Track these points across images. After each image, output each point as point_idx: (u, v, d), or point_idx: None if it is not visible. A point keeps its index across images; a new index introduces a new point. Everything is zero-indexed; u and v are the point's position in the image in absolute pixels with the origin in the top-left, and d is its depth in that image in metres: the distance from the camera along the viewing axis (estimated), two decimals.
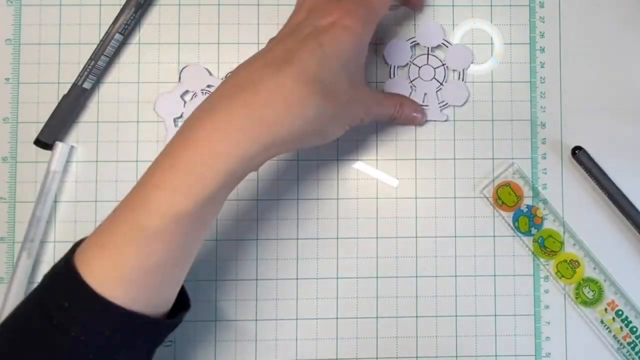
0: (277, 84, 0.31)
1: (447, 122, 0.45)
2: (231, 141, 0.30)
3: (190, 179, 0.30)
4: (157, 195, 0.30)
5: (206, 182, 0.30)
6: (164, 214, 0.29)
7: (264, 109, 0.31)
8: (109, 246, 0.30)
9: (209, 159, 0.30)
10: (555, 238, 0.44)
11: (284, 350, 0.44)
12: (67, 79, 0.44)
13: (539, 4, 0.46)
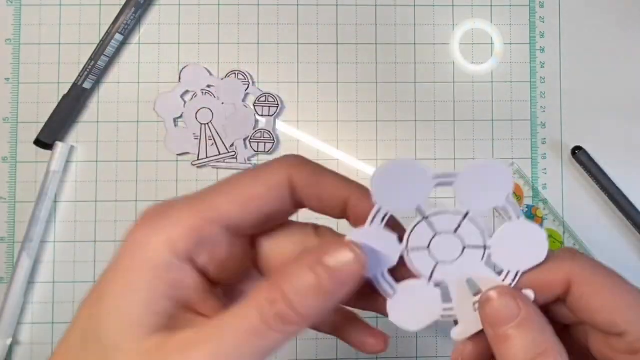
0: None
1: (447, 122, 0.45)
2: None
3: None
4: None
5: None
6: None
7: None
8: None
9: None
10: (555, 238, 0.44)
11: (284, 350, 0.44)
12: (67, 79, 0.44)
13: (539, 4, 0.46)
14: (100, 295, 0.21)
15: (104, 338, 0.21)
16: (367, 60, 0.45)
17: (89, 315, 0.21)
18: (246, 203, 0.22)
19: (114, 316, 0.21)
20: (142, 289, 0.21)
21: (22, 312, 0.43)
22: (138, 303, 0.21)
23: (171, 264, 0.21)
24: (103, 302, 0.21)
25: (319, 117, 0.45)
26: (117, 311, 0.21)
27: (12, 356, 0.43)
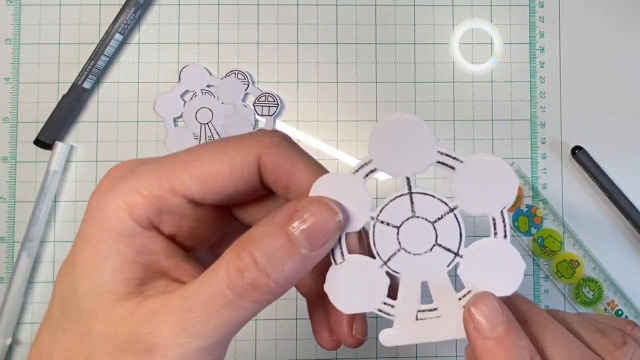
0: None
1: (447, 122, 0.45)
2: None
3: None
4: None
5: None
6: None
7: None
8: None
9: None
10: (555, 238, 0.44)
11: (283, 350, 0.44)
12: (67, 79, 0.44)
13: (539, 4, 0.46)
14: (72, 262, 0.21)
15: (80, 304, 0.20)
16: (367, 60, 0.45)
17: (65, 282, 0.21)
18: (207, 180, 0.21)
19: (86, 284, 0.20)
20: (109, 256, 0.20)
21: (22, 312, 0.43)
22: (107, 270, 0.20)
23: (134, 230, 0.20)
24: (76, 270, 0.21)
25: (319, 117, 0.45)
26: (88, 279, 0.20)
27: (12, 356, 0.43)
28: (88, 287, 0.20)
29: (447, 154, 0.21)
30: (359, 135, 0.45)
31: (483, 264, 0.21)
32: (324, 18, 0.45)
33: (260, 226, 0.20)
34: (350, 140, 0.45)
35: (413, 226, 0.21)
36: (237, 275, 0.19)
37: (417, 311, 0.22)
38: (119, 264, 0.20)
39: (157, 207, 0.21)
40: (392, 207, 0.21)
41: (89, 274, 0.20)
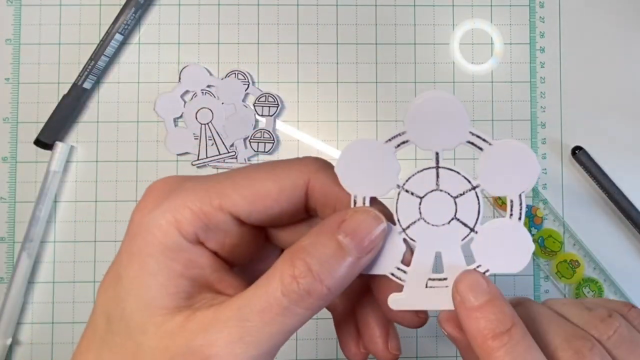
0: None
1: None
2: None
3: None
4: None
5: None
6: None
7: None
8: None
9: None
10: (555, 238, 0.44)
11: (284, 350, 0.43)
12: (67, 79, 0.44)
13: (539, 4, 0.46)
14: (117, 278, 0.21)
15: (128, 320, 0.21)
16: (367, 60, 0.45)
17: (111, 297, 0.21)
18: (255, 200, 0.21)
19: (135, 299, 0.21)
20: (157, 271, 0.21)
21: (22, 312, 0.43)
22: (155, 285, 0.20)
23: (182, 245, 0.21)
24: (123, 285, 0.21)
25: (319, 117, 0.45)
26: (137, 294, 0.21)
27: (12, 356, 0.43)
28: (136, 303, 0.21)
29: (478, 135, 0.22)
30: (359, 135, 0.45)
31: (495, 242, 0.22)
32: (324, 18, 0.45)
33: (310, 236, 0.21)
34: (350, 140, 0.45)
35: (435, 198, 0.22)
36: (292, 282, 0.20)
37: (427, 279, 0.23)
38: (167, 279, 0.21)
39: (204, 222, 0.21)
40: (418, 178, 0.22)
41: (137, 289, 0.21)
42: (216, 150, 0.44)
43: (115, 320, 0.21)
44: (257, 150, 0.44)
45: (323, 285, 0.20)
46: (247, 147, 0.44)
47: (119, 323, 0.21)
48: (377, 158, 0.22)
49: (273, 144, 0.44)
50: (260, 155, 0.44)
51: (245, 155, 0.44)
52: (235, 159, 0.44)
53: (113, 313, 0.21)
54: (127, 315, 0.21)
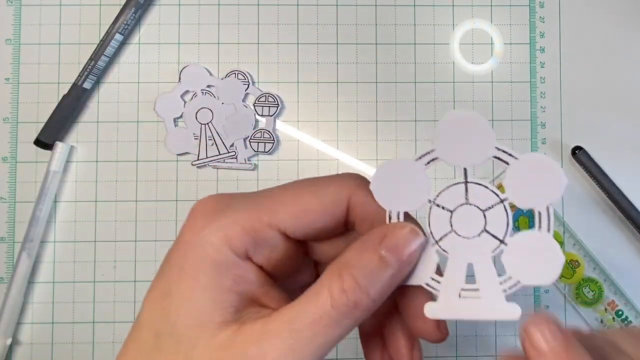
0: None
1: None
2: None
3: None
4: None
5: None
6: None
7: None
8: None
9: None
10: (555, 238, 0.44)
11: None
12: (67, 79, 0.44)
13: (539, 4, 0.46)
14: (166, 293, 0.22)
15: (178, 335, 0.21)
16: (367, 60, 0.45)
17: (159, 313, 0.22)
18: (301, 216, 0.23)
19: (186, 313, 0.21)
20: (209, 287, 0.21)
21: (22, 312, 0.43)
22: (206, 300, 0.21)
23: (232, 261, 0.22)
24: (173, 301, 0.22)
25: (319, 117, 0.45)
26: (188, 309, 0.21)
27: (12, 356, 0.43)
28: (188, 317, 0.21)
29: (504, 150, 0.23)
30: (359, 135, 0.45)
31: (525, 253, 0.23)
32: (324, 18, 0.45)
33: (354, 251, 0.22)
34: (350, 140, 0.45)
35: (465, 212, 0.23)
36: (342, 295, 0.21)
37: (460, 289, 0.23)
38: (218, 294, 0.22)
39: (253, 238, 0.22)
40: (448, 193, 0.24)
41: (188, 304, 0.21)
42: (216, 150, 0.44)
43: (164, 335, 0.22)
44: (257, 150, 0.44)
45: (369, 298, 0.21)
46: (247, 147, 0.44)
47: (168, 338, 0.21)
48: (409, 175, 0.24)
49: (273, 144, 0.44)
50: (260, 155, 0.44)
51: (245, 155, 0.44)
52: (235, 159, 0.44)
53: (162, 328, 0.22)
54: (177, 330, 0.21)
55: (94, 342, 0.43)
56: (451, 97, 0.45)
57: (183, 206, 0.44)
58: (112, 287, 0.44)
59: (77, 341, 0.43)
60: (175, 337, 0.21)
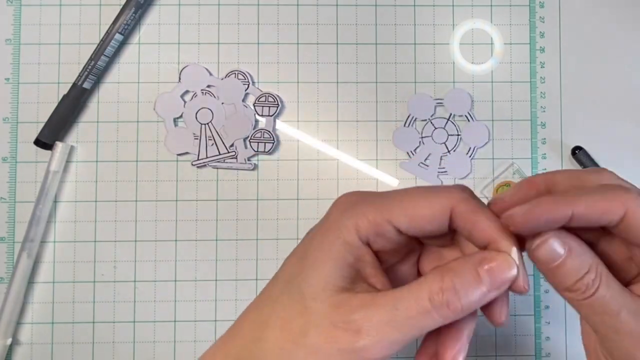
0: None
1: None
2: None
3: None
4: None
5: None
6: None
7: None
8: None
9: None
10: None
11: None
12: (67, 79, 0.44)
13: (539, 4, 0.46)
14: (303, 256, 0.28)
15: (304, 288, 0.27)
16: (367, 60, 0.45)
17: (294, 269, 0.28)
18: (414, 219, 0.27)
19: (314, 273, 0.27)
20: (337, 258, 0.27)
21: (22, 312, 0.43)
22: (332, 267, 0.27)
23: (357, 244, 0.27)
24: (307, 262, 0.27)
25: (319, 117, 0.45)
26: (317, 269, 0.27)
27: (12, 356, 0.43)
28: (315, 277, 0.27)
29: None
30: (359, 135, 0.45)
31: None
32: (324, 18, 0.45)
33: (458, 262, 0.26)
34: (350, 140, 0.45)
35: None
36: (439, 292, 0.26)
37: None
38: (342, 265, 0.27)
39: (375, 230, 0.27)
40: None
41: (318, 267, 0.27)
42: (216, 150, 0.44)
43: (293, 287, 0.27)
44: (257, 150, 0.44)
45: (460, 303, 0.25)
46: (247, 147, 0.44)
47: (295, 289, 0.27)
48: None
49: (273, 144, 0.44)
50: (260, 155, 0.44)
51: (245, 155, 0.44)
52: (235, 159, 0.44)
53: (293, 281, 0.27)
54: (305, 285, 0.27)
55: (94, 342, 0.43)
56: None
57: (183, 206, 0.44)
58: (112, 287, 0.44)
59: (77, 341, 0.43)
60: (302, 289, 0.27)
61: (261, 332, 0.27)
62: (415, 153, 0.44)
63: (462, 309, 0.26)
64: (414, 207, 0.28)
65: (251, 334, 0.28)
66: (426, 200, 0.28)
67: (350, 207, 0.28)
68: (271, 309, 0.28)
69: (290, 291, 0.27)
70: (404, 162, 0.44)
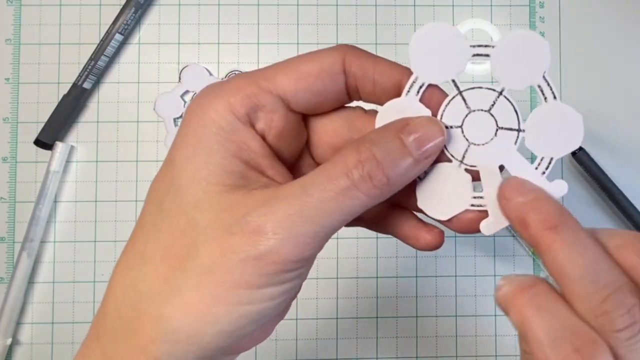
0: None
1: None
2: None
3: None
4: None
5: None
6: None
7: None
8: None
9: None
10: None
11: (284, 350, 0.44)
12: (67, 79, 0.44)
13: (539, 4, 0.46)
14: (171, 162, 0.22)
15: (182, 197, 0.21)
16: None
17: (163, 184, 0.22)
18: (300, 79, 0.23)
19: (190, 176, 0.21)
20: (214, 150, 0.21)
21: (22, 312, 0.43)
22: (211, 162, 0.21)
23: (235, 125, 0.22)
24: (177, 167, 0.22)
25: None
26: (192, 171, 0.21)
27: (12, 356, 0.43)
28: (192, 179, 0.21)
29: (479, 44, 0.22)
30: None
31: (545, 129, 0.23)
32: (324, 18, 0.45)
33: (374, 131, 0.22)
34: None
35: (473, 120, 0.23)
36: (357, 164, 0.21)
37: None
38: (222, 158, 0.21)
39: (254, 102, 0.22)
40: (449, 110, 0.23)
41: (192, 167, 0.21)
42: None
43: (167, 203, 0.22)
44: None
45: (384, 174, 0.21)
46: None
47: (171, 203, 0.21)
48: (407, 111, 0.23)
49: None
50: None
51: None
52: None
53: (165, 197, 0.22)
54: (181, 193, 0.21)
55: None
56: None
57: None
58: None
59: (77, 341, 0.43)
60: (178, 199, 0.21)
61: (135, 276, 0.22)
62: None
63: (389, 183, 0.21)
64: (296, 67, 0.23)
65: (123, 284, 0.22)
66: (310, 57, 0.23)
67: (218, 87, 0.23)
68: (145, 242, 0.22)
69: (164, 210, 0.22)
70: None
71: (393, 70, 0.23)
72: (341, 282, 0.44)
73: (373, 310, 0.44)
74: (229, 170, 0.21)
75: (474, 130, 0.23)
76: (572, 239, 0.21)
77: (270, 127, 0.23)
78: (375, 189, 0.21)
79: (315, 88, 0.23)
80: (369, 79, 0.23)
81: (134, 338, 0.21)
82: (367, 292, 0.44)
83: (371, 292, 0.44)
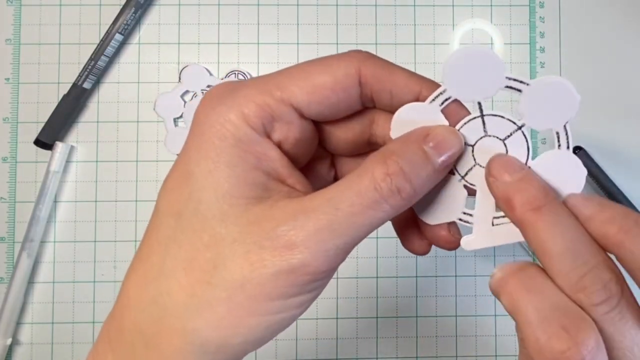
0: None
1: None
2: None
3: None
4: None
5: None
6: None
7: None
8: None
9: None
10: None
11: (284, 350, 0.44)
12: (67, 79, 0.44)
13: (539, 4, 0.46)
14: (187, 175, 0.22)
15: (205, 212, 0.21)
16: None
17: (181, 196, 0.21)
18: (313, 92, 0.22)
19: (211, 191, 0.21)
20: (234, 163, 0.21)
21: (22, 312, 0.43)
22: (232, 176, 0.21)
23: (252, 137, 0.21)
24: (195, 181, 0.21)
25: None
26: (213, 186, 0.21)
27: (12, 356, 0.43)
28: (214, 194, 0.21)
29: (515, 79, 0.23)
30: None
31: (549, 173, 0.24)
32: (324, 18, 0.45)
33: (397, 142, 0.22)
34: None
35: (486, 144, 0.24)
36: (386, 178, 0.21)
37: (492, 218, 0.24)
38: (243, 171, 0.21)
39: (269, 114, 0.22)
40: (466, 128, 0.24)
41: (213, 182, 0.21)
42: None
43: (187, 216, 0.21)
44: None
45: (412, 187, 0.21)
46: None
47: (192, 218, 0.21)
48: (426, 118, 0.23)
49: None
50: None
51: None
52: None
53: (184, 210, 0.21)
54: (203, 208, 0.21)
55: (94, 342, 0.43)
56: None
57: None
58: (112, 287, 0.44)
59: (77, 341, 0.43)
60: (200, 214, 0.21)
61: (156, 290, 0.21)
62: None
63: (415, 193, 0.22)
64: (309, 77, 0.22)
65: (143, 299, 0.22)
66: (323, 67, 0.22)
67: (227, 95, 0.22)
68: (164, 255, 0.21)
69: (184, 224, 0.21)
70: None
71: (411, 81, 0.23)
72: (341, 282, 0.44)
73: (373, 310, 0.44)
74: (251, 183, 0.21)
75: (483, 154, 0.24)
76: (555, 219, 0.22)
77: (287, 137, 0.23)
78: (402, 201, 0.21)
79: (329, 101, 0.23)
80: (386, 91, 0.23)
81: (155, 352, 0.21)
82: (367, 292, 0.44)
83: (371, 292, 0.44)
